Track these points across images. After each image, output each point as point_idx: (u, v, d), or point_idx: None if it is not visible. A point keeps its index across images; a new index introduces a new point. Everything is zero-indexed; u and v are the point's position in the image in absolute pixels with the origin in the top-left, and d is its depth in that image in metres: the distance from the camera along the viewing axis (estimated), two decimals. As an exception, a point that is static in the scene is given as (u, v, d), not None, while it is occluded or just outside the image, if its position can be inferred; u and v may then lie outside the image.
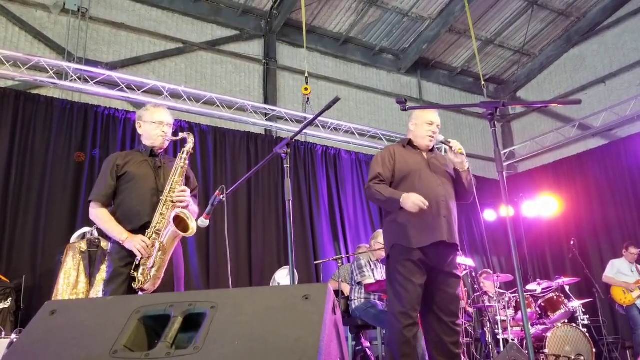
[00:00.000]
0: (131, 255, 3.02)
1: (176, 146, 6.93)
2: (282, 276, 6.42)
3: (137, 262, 3.00)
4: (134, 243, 2.99)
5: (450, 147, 3.48)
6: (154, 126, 3.31)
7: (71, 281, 5.46)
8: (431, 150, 3.69)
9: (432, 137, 3.62)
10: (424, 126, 3.63)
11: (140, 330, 1.81)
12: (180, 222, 3.06)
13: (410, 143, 3.73)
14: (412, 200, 3.26)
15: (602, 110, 9.91)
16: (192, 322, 1.79)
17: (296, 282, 4.35)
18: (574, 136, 10.40)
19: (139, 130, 3.38)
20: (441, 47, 10.83)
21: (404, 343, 3.30)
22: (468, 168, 3.56)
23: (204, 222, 3.19)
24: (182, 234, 3.04)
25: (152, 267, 2.98)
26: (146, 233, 3.05)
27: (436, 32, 10.02)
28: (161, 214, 3.08)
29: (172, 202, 3.12)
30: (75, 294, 5.40)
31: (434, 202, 3.38)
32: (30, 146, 6.69)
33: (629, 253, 7.59)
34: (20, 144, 6.64)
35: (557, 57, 11.20)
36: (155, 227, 3.06)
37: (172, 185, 3.16)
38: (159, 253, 3.00)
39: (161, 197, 3.13)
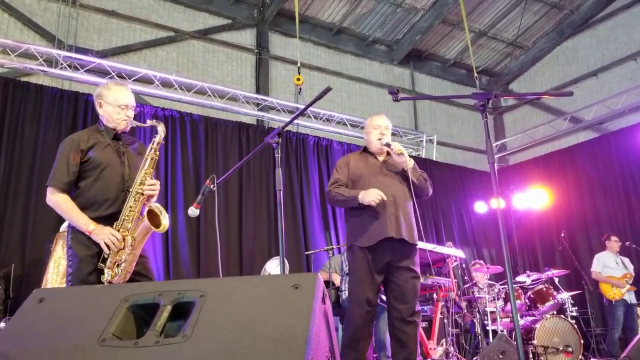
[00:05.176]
0: (97, 244, 2.86)
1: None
2: (273, 266, 6.41)
3: (105, 255, 2.86)
4: (102, 236, 2.83)
5: (392, 149, 3.71)
6: (118, 110, 3.09)
7: (61, 270, 5.43)
8: (389, 154, 3.87)
9: (380, 138, 3.84)
10: (373, 131, 3.89)
11: (129, 318, 1.81)
12: (152, 217, 2.94)
13: (365, 150, 4.01)
14: (370, 196, 3.53)
15: (594, 103, 9.96)
16: (181, 311, 1.79)
17: (287, 273, 4.35)
18: (565, 129, 10.45)
19: (100, 111, 3.14)
20: (434, 38, 10.82)
21: (360, 328, 3.59)
22: (414, 166, 3.78)
23: (195, 211, 3.18)
24: (154, 229, 2.92)
25: (123, 262, 2.86)
26: (114, 225, 2.90)
27: (429, 24, 10.00)
28: (130, 206, 2.94)
29: (142, 194, 2.98)
30: (65, 282, 5.37)
31: (382, 202, 3.60)
32: (19, 134, 6.62)
33: (612, 242, 7.64)
34: (9, 132, 6.57)
35: (550, 50, 11.22)
36: (123, 219, 2.92)
37: (142, 177, 3.01)
38: (130, 248, 2.88)
39: (130, 189, 2.98)
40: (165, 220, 2.96)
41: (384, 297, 3.88)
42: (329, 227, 8.60)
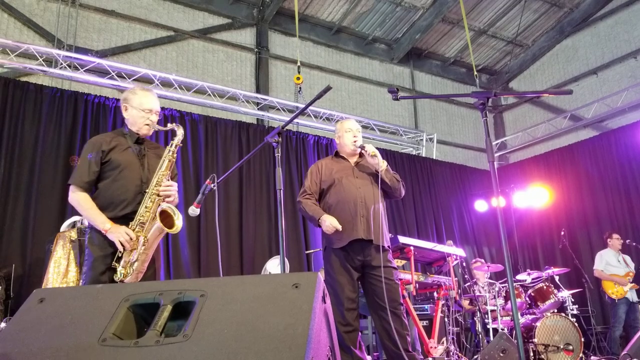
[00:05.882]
0: (112, 244, 2.92)
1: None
2: (274, 265, 6.41)
3: (119, 254, 2.91)
4: (117, 235, 2.89)
5: (366, 151, 3.79)
6: (142, 113, 3.18)
7: (61, 270, 5.44)
8: (361, 156, 3.97)
9: (355, 141, 3.95)
10: (345, 135, 3.99)
11: (130, 318, 1.80)
12: (166, 218, 2.97)
13: (337, 154, 4.10)
14: (326, 224, 3.68)
15: (594, 101, 9.96)
16: (182, 310, 1.78)
17: (287, 272, 4.35)
18: (566, 127, 10.45)
19: (125, 114, 3.23)
20: (434, 37, 10.81)
21: (344, 325, 3.64)
22: (387, 167, 3.86)
23: (195, 210, 3.18)
24: (167, 230, 2.96)
25: (135, 261, 2.91)
26: (130, 225, 2.95)
27: (429, 22, 10.00)
28: (146, 206, 3.00)
29: (158, 195, 3.03)
30: (66, 282, 5.37)
31: (352, 204, 3.75)
32: (19, 134, 6.62)
33: (614, 240, 7.63)
34: (9, 132, 6.56)
35: (550, 48, 11.21)
36: (139, 219, 2.97)
37: (158, 178, 3.07)
38: (143, 248, 2.93)
39: (147, 190, 3.04)
40: (178, 221, 3.00)
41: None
42: (329, 226, 8.58)
